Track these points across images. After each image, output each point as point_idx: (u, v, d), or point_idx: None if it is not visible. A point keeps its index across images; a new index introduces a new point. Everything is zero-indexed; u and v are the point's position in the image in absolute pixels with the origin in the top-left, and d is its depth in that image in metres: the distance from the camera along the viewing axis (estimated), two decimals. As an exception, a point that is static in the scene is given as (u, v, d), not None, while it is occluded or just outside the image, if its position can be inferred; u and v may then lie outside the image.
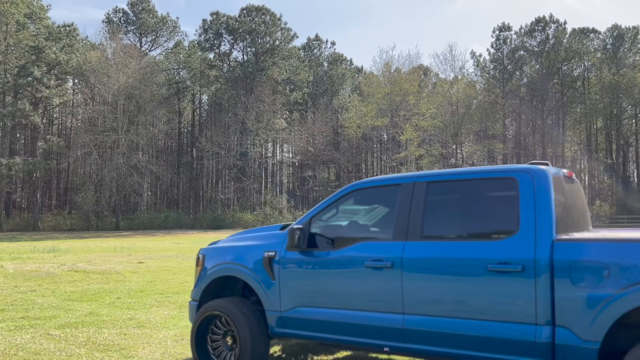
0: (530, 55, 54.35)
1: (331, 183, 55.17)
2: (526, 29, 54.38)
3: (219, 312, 5.06)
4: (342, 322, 4.41)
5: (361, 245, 4.42)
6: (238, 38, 56.08)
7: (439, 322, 3.90)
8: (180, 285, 12.35)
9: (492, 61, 55.26)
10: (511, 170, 3.98)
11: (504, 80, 54.55)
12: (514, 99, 55.08)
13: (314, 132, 53.34)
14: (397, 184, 4.47)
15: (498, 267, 3.64)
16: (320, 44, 64.96)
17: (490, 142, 53.25)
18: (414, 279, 4.04)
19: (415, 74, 55.95)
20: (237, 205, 51.82)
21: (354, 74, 67.85)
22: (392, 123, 52.62)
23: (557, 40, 52.93)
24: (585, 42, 54.60)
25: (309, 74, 59.91)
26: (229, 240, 5.67)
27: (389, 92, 52.97)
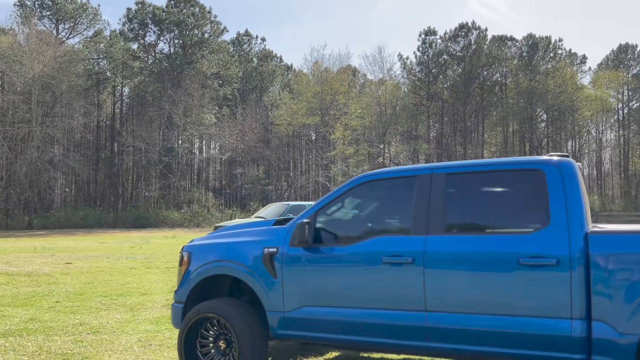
0: (454, 59, 56.56)
1: (261, 181, 54.49)
2: (450, 34, 56.55)
3: (213, 315, 4.67)
4: (356, 321, 4.17)
5: (377, 240, 4.20)
6: (165, 29, 54.01)
7: (466, 318, 3.77)
8: (122, 287, 11.60)
9: (418, 64, 56.98)
10: (536, 162, 3.91)
11: (429, 82, 56.42)
12: (438, 101, 57.09)
13: (244, 128, 52.46)
14: (412, 176, 4.30)
15: (530, 260, 3.57)
16: (251, 40, 64.06)
17: (416, 142, 54.87)
18: (437, 275, 3.89)
19: (345, 73, 56.51)
20: (162, 203, 49.88)
21: (283, 72, 67.50)
22: (322, 121, 52.84)
23: (478, 46, 55.43)
24: (504, 49, 57.60)
25: (239, 70, 58.85)
26: (214, 237, 5.27)
27: (320, 90, 53.15)
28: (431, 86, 56.34)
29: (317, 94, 53.55)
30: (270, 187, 57.28)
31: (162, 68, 53.81)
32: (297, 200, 50.14)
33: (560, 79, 52.98)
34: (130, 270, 14.99)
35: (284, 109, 55.85)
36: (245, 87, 62.08)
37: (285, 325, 4.47)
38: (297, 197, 56.71)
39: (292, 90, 61.05)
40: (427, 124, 57.49)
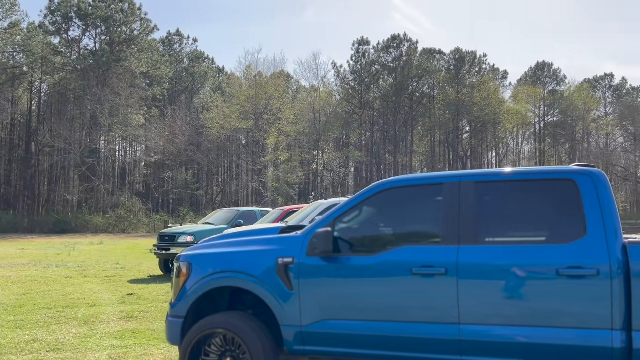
0: (385, 69, 57.92)
1: (191, 185, 52.95)
2: (382, 45, 57.91)
3: (222, 330, 4.35)
4: (383, 335, 4.00)
5: (404, 250, 4.06)
6: (90, 24, 51.27)
7: (502, 330, 3.72)
8: (65, 298, 10.75)
9: (351, 72, 57.83)
10: (568, 171, 3.93)
11: (361, 91, 57.39)
12: (369, 110, 58.20)
13: (174, 130, 50.79)
14: (438, 183, 4.21)
15: (570, 271, 3.58)
16: (182, 40, 62.32)
17: (348, 149, 55.58)
18: (472, 286, 3.82)
19: (278, 78, 56.27)
20: (85, 207, 47.12)
21: (215, 74, 66.17)
22: (256, 126, 52.24)
23: (408, 58, 57.14)
24: (432, 62, 59.76)
25: (170, 70, 57.00)
26: (212, 246, 4.92)
27: (254, 94, 52.56)
28: (363, 95, 57.35)
29: (251, 97, 52.91)
30: (200, 191, 55.81)
31: (87, 65, 51.03)
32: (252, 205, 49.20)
33: (485, 92, 55.72)
34: (67, 279, 13.96)
35: (216, 112, 54.67)
36: (175, 87, 60.24)
37: (302, 340, 4.23)
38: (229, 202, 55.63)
39: (224, 92, 59.94)
40: (359, 131, 58.40)
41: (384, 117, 58.68)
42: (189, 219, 42.58)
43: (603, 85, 69.36)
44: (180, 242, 14.40)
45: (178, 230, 15.01)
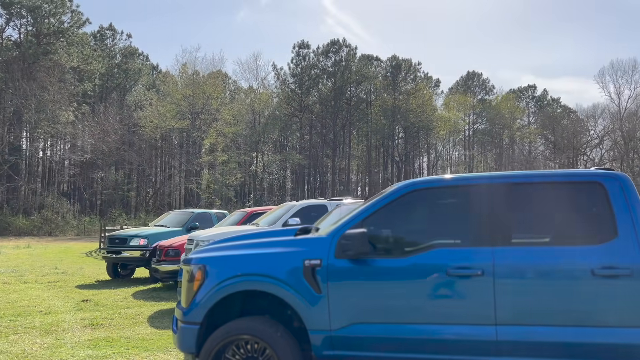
0: (325, 74, 58.39)
1: (124, 186, 50.85)
2: (322, 49, 58.33)
3: (248, 337, 4.16)
4: (417, 338, 3.97)
5: (438, 252, 4.05)
6: (15, 14, 48.09)
7: (539, 331, 3.79)
8: (12, 306, 10.00)
9: (292, 75, 57.83)
10: (595, 174, 4.08)
11: (301, 94, 57.51)
12: (309, 113, 58.42)
13: (107, 128, 48.56)
14: (467, 185, 4.25)
15: (604, 271, 3.72)
16: (115, 35, 59.74)
17: (288, 152, 55.49)
18: (508, 287, 3.87)
19: (217, 78, 55.25)
20: (7, 208, 44.03)
21: (149, 71, 63.99)
22: (193, 126, 51.00)
23: (348, 63, 57.91)
24: (370, 68, 60.91)
25: (102, 65, 54.50)
26: (226, 248, 4.69)
27: (191, 94, 51.29)
28: (304, 98, 57.48)
29: (188, 97, 51.59)
30: (131, 193, 53.70)
31: (11, 57, 47.83)
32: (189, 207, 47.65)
33: (421, 100, 57.48)
34: (5, 285, 12.97)
35: (150, 110, 52.85)
36: (107, 84, 57.68)
37: (332, 345, 4.11)
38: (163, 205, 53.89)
39: (158, 91, 58.08)
40: (298, 135, 58.45)
41: (323, 121, 59.09)
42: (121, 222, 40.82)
43: (527, 96, 73.39)
44: (133, 246, 13.75)
45: (130, 233, 14.32)
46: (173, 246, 11.93)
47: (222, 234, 9.62)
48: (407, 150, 62.69)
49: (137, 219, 44.34)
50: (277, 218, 10.05)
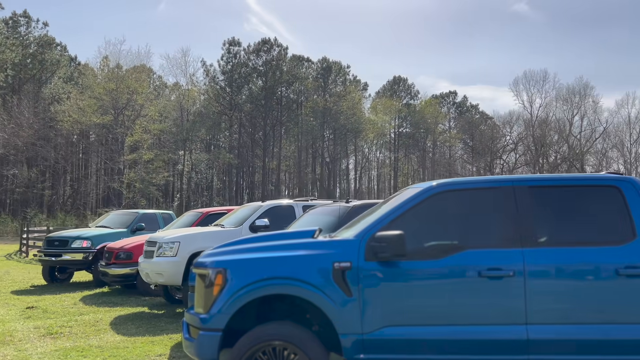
0: (255, 73, 57.86)
1: (39, 184, 47.59)
2: (254, 48, 57.76)
3: (280, 342, 4.02)
4: (450, 339, 4.01)
5: (470, 254, 4.12)
6: None
7: (568, 329, 3.95)
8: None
9: (222, 73, 56.75)
10: (612, 179, 4.31)
11: (232, 93, 56.60)
12: (239, 112, 57.61)
13: (21, 122, 45.24)
14: (493, 187, 4.36)
15: (627, 271, 3.95)
16: (29, 22, 55.72)
17: (218, 151, 54.37)
18: (538, 287, 4.00)
19: (142, 73, 53.05)
20: None
21: (68, 63, 60.33)
22: (116, 122, 48.67)
23: (278, 63, 57.72)
24: (301, 69, 61.11)
25: (15, 55, 50.70)
26: (244, 251, 4.48)
27: (115, 88, 48.93)
28: (234, 96, 56.60)
29: (111, 91, 49.19)
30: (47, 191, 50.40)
31: None
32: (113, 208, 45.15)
33: (351, 102, 58.43)
34: None
35: (68, 104, 49.84)
36: (20, 75, 53.75)
37: (364, 349, 4.07)
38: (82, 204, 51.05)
39: (77, 84, 54.92)
40: (228, 133, 57.46)
41: (254, 121, 58.51)
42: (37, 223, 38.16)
43: (448, 102, 76.68)
44: (75, 248, 12.90)
45: (72, 235, 13.42)
46: (125, 248, 11.33)
47: (192, 236, 9.27)
48: (336, 152, 63.46)
49: (54, 219, 41.68)
50: (243, 219, 9.80)
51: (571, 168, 66.38)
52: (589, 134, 66.85)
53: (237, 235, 9.40)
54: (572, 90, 66.35)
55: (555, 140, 67.62)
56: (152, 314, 9.36)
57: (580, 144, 66.75)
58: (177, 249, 9.01)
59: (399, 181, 70.14)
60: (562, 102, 67.72)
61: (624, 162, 68.55)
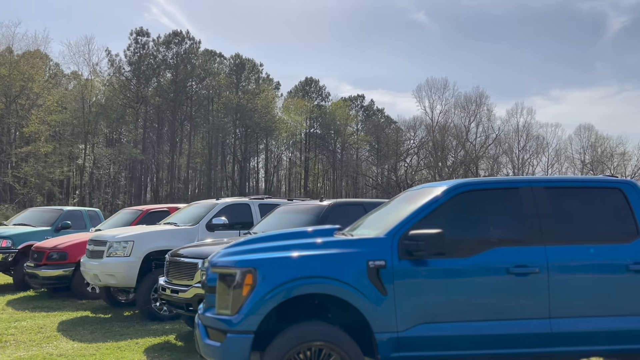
0: (165, 65, 55.63)
1: None
2: (164, 39, 55.44)
3: (321, 343, 3.93)
4: (480, 334, 4.14)
5: (498, 251, 4.27)
6: None
7: (586, 321, 4.24)
8: None
9: (129, 64, 53.84)
10: (614, 181, 4.71)
11: (139, 85, 53.93)
12: (148, 106, 55.06)
13: None
14: (513, 188, 4.56)
15: (636, 266, 4.32)
16: None
17: (123, 145, 51.48)
18: (560, 283, 4.25)
19: (37, 58, 49.01)
20: None
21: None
22: (9, 111, 44.53)
23: (189, 56, 55.90)
24: (214, 64, 59.65)
25: None
26: (266, 250, 4.32)
27: (7, 74, 44.76)
28: (141, 89, 53.98)
29: (2, 77, 44.97)
30: None
31: None
32: None
33: (265, 100, 58.04)
34: None
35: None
36: None
37: (398, 347, 4.09)
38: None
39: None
40: (134, 127, 54.64)
41: (162, 115, 56.20)
42: None
43: (356, 104, 78.66)
44: (-9, 248, 11.67)
45: None
46: (58, 248, 10.44)
47: (147, 234, 8.75)
48: (248, 150, 62.73)
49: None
50: (198, 217, 9.39)
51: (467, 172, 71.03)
52: (483, 140, 71.62)
53: (193, 234, 9.05)
54: (469, 98, 70.84)
55: (454, 145, 71.87)
56: (100, 318, 8.72)
57: (475, 149, 71.41)
58: (131, 249, 8.47)
59: (309, 181, 70.89)
60: (460, 110, 72.15)
61: (512, 167, 74.36)
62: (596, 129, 73.78)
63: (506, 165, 74.20)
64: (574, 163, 74.33)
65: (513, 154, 74.17)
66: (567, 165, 75.08)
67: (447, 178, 68.80)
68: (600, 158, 72.37)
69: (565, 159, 75.39)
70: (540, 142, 74.26)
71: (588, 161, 72.58)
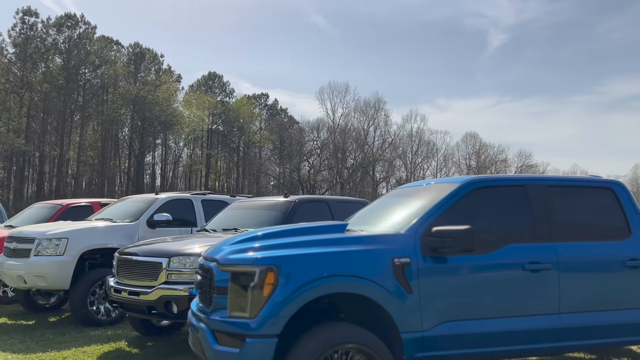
0: (56, 50, 51.22)
1: None
2: (55, 21, 50.97)
3: (353, 345, 3.67)
4: (498, 331, 4.09)
5: (513, 248, 4.26)
6: None
7: (593, 316, 4.37)
8: None
9: (14, 45, 48.77)
10: (606, 182, 4.92)
11: (25, 70, 49.09)
12: (34, 92, 50.32)
13: None
14: (522, 185, 4.59)
15: (631, 262, 4.52)
16: None
17: (7, 135, 46.51)
18: (569, 279, 4.32)
19: None
20: None
21: None
22: None
23: (84, 42, 51.96)
24: (111, 52, 55.93)
25: None
26: (283, 246, 3.94)
27: None
28: (28, 74, 49.19)
29: None
30: None
31: None
32: None
33: (167, 93, 55.46)
34: None
35: None
36: None
37: (423, 347, 3.94)
38: None
39: None
40: (17, 115, 49.59)
41: (50, 103, 51.60)
42: None
43: (260, 103, 77.98)
44: None
45: None
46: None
47: (82, 231, 7.87)
48: (145, 144, 59.62)
49: None
50: (137, 212, 8.61)
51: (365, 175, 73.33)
52: (380, 144, 74.33)
53: (133, 230, 8.34)
54: (368, 103, 73.17)
55: (354, 148, 73.83)
56: (23, 326, 7.71)
57: (372, 152, 73.93)
58: (64, 247, 7.59)
59: (211, 179, 69.03)
60: (360, 113, 74.35)
61: (405, 170, 78.03)
62: (480, 137, 79.47)
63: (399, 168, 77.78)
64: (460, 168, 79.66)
65: (407, 158, 77.82)
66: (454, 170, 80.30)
67: (347, 179, 70.48)
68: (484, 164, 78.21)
69: (452, 164, 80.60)
70: (431, 147, 78.71)
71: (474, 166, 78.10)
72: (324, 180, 70.41)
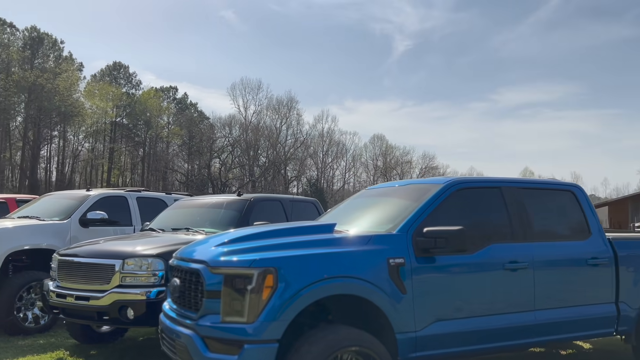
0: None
1: None
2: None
3: (356, 348, 3.59)
4: (483, 329, 4.19)
5: (495, 248, 4.37)
6: None
7: (561, 312, 4.59)
8: None
9: None
10: (568, 184, 5.23)
11: None
12: None
13: None
14: (498, 187, 4.73)
15: (593, 261, 4.81)
16: None
17: None
18: (542, 277, 4.51)
19: None
20: None
21: None
22: None
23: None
24: (4, 35, 51.19)
25: None
26: (276, 247, 3.78)
27: None
28: None
29: None
30: None
31: None
32: None
33: (68, 82, 51.73)
34: None
35: None
36: None
37: (416, 347, 3.94)
38: None
39: None
40: None
41: None
42: None
43: (169, 96, 75.13)
44: None
45: None
46: None
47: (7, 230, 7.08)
48: (42, 135, 55.23)
49: None
50: (68, 210, 7.90)
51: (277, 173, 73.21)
52: (292, 143, 74.53)
53: (64, 228, 7.69)
54: (281, 101, 73.10)
55: (267, 146, 73.46)
56: None
57: (284, 151, 73.98)
58: (-14, 248, 6.78)
59: (113, 174, 65.44)
60: (273, 112, 74.08)
61: (316, 169, 78.95)
62: (387, 139, 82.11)
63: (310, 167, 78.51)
64: (368, 169, 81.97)
65: (317, 157, 78.71)
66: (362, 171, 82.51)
67: (258, 177, 69.90)
68: (390, 165, 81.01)
69: (360, 164, 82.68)
70: (341, 148, 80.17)
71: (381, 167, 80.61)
72: (235, 178, 69.38)
